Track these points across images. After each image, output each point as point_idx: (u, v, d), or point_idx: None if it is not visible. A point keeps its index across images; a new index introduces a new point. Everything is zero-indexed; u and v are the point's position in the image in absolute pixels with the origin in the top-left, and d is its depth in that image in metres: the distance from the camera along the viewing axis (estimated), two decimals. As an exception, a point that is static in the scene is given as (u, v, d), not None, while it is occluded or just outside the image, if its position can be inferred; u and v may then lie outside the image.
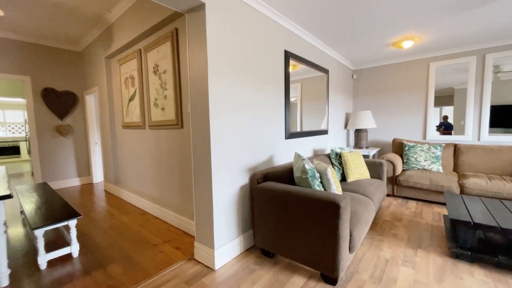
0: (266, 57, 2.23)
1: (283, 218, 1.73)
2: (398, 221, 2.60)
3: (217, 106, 1.76)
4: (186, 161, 2.37)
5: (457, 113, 3.72)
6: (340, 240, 1.48)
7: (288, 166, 2.21)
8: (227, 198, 1.89)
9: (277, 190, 1.75)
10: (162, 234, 2.38)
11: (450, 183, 2.97)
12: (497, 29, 2.83)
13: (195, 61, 1.75)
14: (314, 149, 3.24)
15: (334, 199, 1.49)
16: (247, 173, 2.07)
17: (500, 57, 3.31)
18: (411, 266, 1.78)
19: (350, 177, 2.75)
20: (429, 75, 3.83)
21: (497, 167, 3.15)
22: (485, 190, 2.76)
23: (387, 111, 4.28)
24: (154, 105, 2.74)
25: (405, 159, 3.58)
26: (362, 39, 3.08)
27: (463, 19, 2.53)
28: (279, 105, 2.46)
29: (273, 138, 2.39)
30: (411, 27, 2.74)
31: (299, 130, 2.85)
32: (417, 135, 4.02)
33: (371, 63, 4.30)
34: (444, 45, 3.39)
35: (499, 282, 1.58)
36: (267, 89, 2.27)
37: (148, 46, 2.69)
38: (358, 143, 4.17)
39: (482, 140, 3.50)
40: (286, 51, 2.50)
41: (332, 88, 3.69)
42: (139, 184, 3.19)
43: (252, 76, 2.07)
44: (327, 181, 1.84)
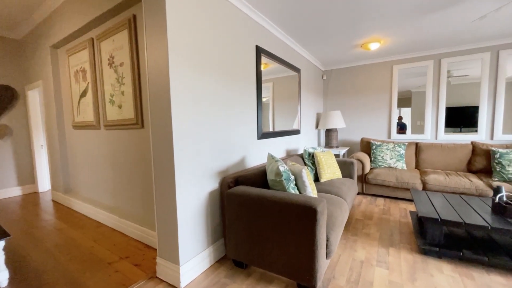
0: (236, 52, 2.08)
1: (256, 226, 1.59)
2: (369, 219, 2.64)
3: (181, 103, 1.55)
4: (148, 165, 2.10)
5: (414, 114, 3.96)
6: (317, 247, 1.38)
7: (261, 168, 2.08)
8: (194, 206, 1.69)
9: (249, 195, 1.61)
10: (119, 249, 2.08)
11: (414, 180, 3.11)
12: (449, 35, 3.04)
13: (154, 51, 1.52)
14: (287, 149, 3.17)
15: (310, 203, 1.39)
16: (217, 177, 1.89)
17: (453, 62, 3.59)
18: (385, 266, 1.76)
19: (323, 177, 2.72)
20: (393, 78, 4.03)
21: (453, 164, 3.40)
22: (444, 185, 2.94)
23: (355, 112, 4.41)
24: (110, 102, 2.41)
25: (373, 157, 3.70)
26: (332, 39, 3.09)
27: (421, 24, 2.65)
28: (251, 104, 2.32)
29: (245, 139, 2.24)
30: (377, 30, 2.80)
31: (271, 130, 2.75)
32: (382, 135, 4.20)
33: (340, 64, 4.39)
34: (406, 48, 3.57)
35: (464, 276, 1.63)
36: (238, 86, 2.11)
37: (101, 34, 2.36)
38: (329, 142, 4.23)
39: (439, 138, 3.76)
40: (258, 46, 2.37)
41: (303, 88, 3.67)
42: (94, 192, 2.80)
43: (221, 72, 1.90)
44: (302, 184, 1.74)
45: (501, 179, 2.85)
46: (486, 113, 3.44)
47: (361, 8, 2.28)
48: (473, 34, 3.04)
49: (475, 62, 3.47)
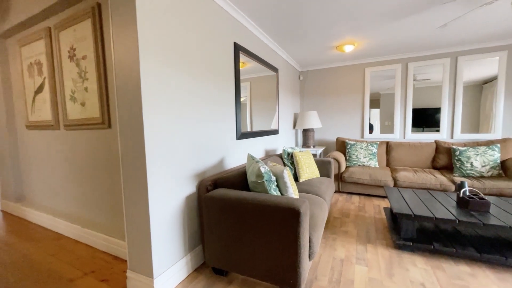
0: (214, 48, 1.98)
1: (237, 230, 1.51)
2: (346, 217, 2.70)
3: (154, 101, 1.42)
4: (116, 168, 1.91)
5: (383, 115, 4.18)
6: (301, 249, 1.35)
7: (241, 169, 2.00)
8: (169, 212, 1.56)
9: (230, 198, 1.53)
10: (83, 263, 1.86)
11: (386, 177, 3.26)
12: (416, 40, 3.24)
13: (122, 44, 1.37)
14: (266, 149, 3.13)
15: (293, 205, 1.36)
16: (194, 180, 1.78)
17: (418, 66, 3.84)
18: (364, 264, 1.79)
19: (302, 176, 2.72)
20: (365, 80, 4.20)
21: (419, 161, 3.64)
22: (413, 181, 3.12)
23: (330, 112, 4.53)
24: (71, 99, 2.16)
25: (348, 156, 3.82)
26: (309, 40, 3.12)
27: (392, 29, 2.78)
28: (230, 103, 2.24)
29: (223, 139, 2.15)
30: (352, 32, 2.89)
31: (249, 130, 2.69)
32: (356, 134, 4.37)
33: (316, 65, 4.48)
34: (377, 52, 3.74)
35: (436, 269, 1.72)
36: (216, 84, 2.01)
37: (61, 23, 2.10)
38: (306, 142, 4.29)
39: (407, 137, 4.00)
40: (236, 43, 2.29)
41: (281, 88, 3.67)
42: (52, 200, 2.50)
43: (198, 68, 1.79)
44: (283, 185, 1.70)
45: (461, 174, 3.10)
46: (447, 114, 3.74)
47: (337, 10, 2.31)
48: (436, 41, 3.27)
49: (437, 67, 3.75)
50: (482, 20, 2.63)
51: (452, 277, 1.62)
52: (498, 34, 3.09)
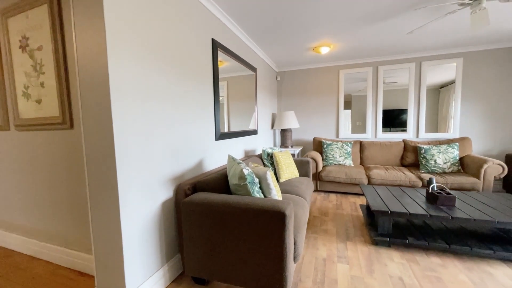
0: (191, 43, 1.87)
1: (219, 236, 1.43)
2: (325, 215, 2.74)
3: (125, 99, 1.28)
4: (80, 174, 1.71)
5: (354, 115, 4.37)
6: (286, 252, 1.31)
7: (221, 172, 1.91)
8: (143, 220, 1.42)
9: (211, 203, 1.44)
10: (41, 283, 1.63)
11: (360, 175, 3.40)
12: (386, 45, 3.43)
13: (87, 35, 1.22)
14: (245, 150, 3.07)
15: (278, 207, 1.31)
16: (171, 184, 1.66)
17: (387, 70, 4.07)
18: (346, 262, 1.82)
19: (282, 177, 2.71)
20: (339, 81, 4.35)
21: (390, 159, 3.85)
22: (385, 179, 3.28)
23: (307, 112, 4.61)
24: (24, 95, 1.89)
25: (324, 156, 3.91)
26: (287, 40, 3.13)
27: (365, 33, 2.90)
28: (208, 102, 2.14)
29: (202, 140, 2.04)
30: (328, 34, 2.95)
31: (227, 130, 2.60)
32: (332, 134, 4.50)
33: (293, 66, 4.53)
34: (351, 55, 3.88)
35: (411, 262, 1.80)
36: (193, 82, 1.90)
37: (10, 8, 1.83)
38: (284, 142, 4.31)
39: (378, 137, 4.22)
40: (214, 40, 2.20)
41: (260, 87, 3.63)
42: (2, 212, 2.17)
43: (175, 64, 1.67)
44: (267, 186, 1.66)
45: (426, 171, 3.34)
46: (413, 115, 4.01)
47: (316, 12, 2.33)
48: (404, 46, 3.49)
49: (404, 71, 4.01)
50: (443, 29, 2.85)
51: (426, 269, 1.71)
52: (456, 42, 3.39)
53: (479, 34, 3.10)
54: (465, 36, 3.15)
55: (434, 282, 1.57)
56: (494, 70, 3.54)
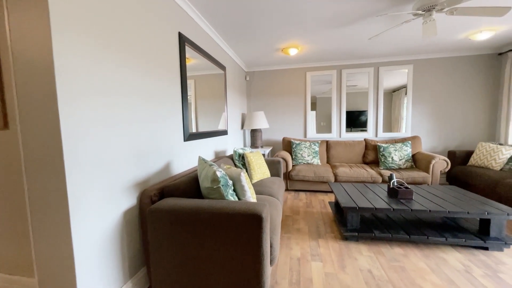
0: (156, 35, 1.71)
1: (191, 245, 1.32)
2: (297, 214, 2.78)
3: (76, 94, 1.10)
4: (16, 182, 1.43)
5: (318, 116, 4.57)
6: (264, 256, 1.26)
7: (191, 174, 1.79)
8: (101, 234, 1.24)
9: (181, 209, 1.32)
10: (-36, 319, 1.32)
11: (328, 173, 3.54)
12: (348, 50, 3.64)
13: (23, 15, 1.01)
14: (215, 151, 2.96)
15: (255, 210, 1.26)
16: (135, 190, 1.49)
17: (350, 73, 4.33)
18: (319, 259, 1.85)
19: (255, 177, 2.67)
20: (306, 83, 4.48)
21: (353, 157, 4.09)
22: (350, 176, 3.47)
23: (277, 113, 4.66)
24: None
25: (294, 155, 3.99)
26: (256, 40, 3.11)
27: (331, 37, 3.03)
28: (176, 100, 1.99)
29: (169, 141, 1.89)
30: (296, 36, 3.01)
31: (195, 131, 2.46)
32: (300, 134, 4.62)
33: (262, 67, 4.53)
34: (317, 57, 4.03)
35: (378, 254, 1.90)
36: (159, 78, 1.75)
37: None
38: (254, 142, 4.29)
39: (342, 136, 4.46)
40: (181, 34, 2.06)
41: (229, 87, 3.55)
42: None
43: (137, 57, 1.50)
44: (241, 188, 1.59)
45: (385, 167, 3.62)
46: (372, 116, 4.33)
47: (285, 12, 2.34)
48: (364, 51, 3.74)
49: (364, 75, 4.30)
50: (399, 37, 3.12)
51: (391, 259, 1.82)
52: (408, 50, 3.74)
53: (427, 44, 3.46)
54: (416, 45, 3.50)
55: (399, 272, 1.68)
56: (439, 76, 4.01)
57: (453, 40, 3.32)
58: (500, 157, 3.16)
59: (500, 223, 1.92)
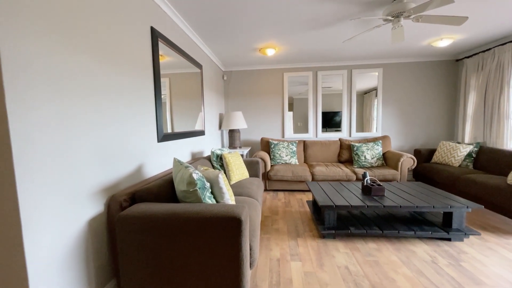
0: (124, 28, 1.59)
1: (166, 253, 1.24)
2: (276, 214, 2.78)
3: (29, 88, 0.97)
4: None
5: (296, 117, 4.65)
6: (243, 260, 1.23)
7: (165, 177, 1.70)
8: (61, 247, 1.12)
9: (154, 214, 1.24)
10: None
11: (305, 173, 3.60)
12: (323, 52, 3.74)
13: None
14: (192, 152, 2.86)
15: (234, 213, 1.22)
16: (101, 196, 1.37)
17: (325, 75, 4.46)
18: (298, 259, 1.86)
19: (233, 178, 2.62)
20: (284, 84, 4.53)
21: (329, 156, 4.21)
22: (326, 175, 3.56)
23: (255, 113, 4.65)
24: None
25: (272, 155, 4.01)
26: (234, 38, 3.06)
27: (307, 38, 3.09)
28: (148, 98, 1.88)
29: (141, 142, 1.77)
30: (274, 36, 3.02)
31: (170, 131, 2.35)
32: (278, 134, 4.66)
33: (240, 66, 4.49)
34: (294, 59, 4.09)
35: (354, 250, 1.96)
36: (128, 74, 1.63)
37: None
38: (232, 143, 4.23)
39: (318, 136, 4.58)
40: (154, 29, 1.95)
41: (206, 86, 3.46)
42: None
43: (104, 50, 1.38)
44: (219, 190, 1.54)
45: (359, 166, 3.78)
46: (346, 116, 4.50)
47: (262, 12, 2.33)
48: (338, 54, 3.87)
49: (338, 77, 4.46)
50: (370, 41, 3.28)
51: (366, 255, 1.89)
52: (378, 54, 3.95)
53: (396, 49, 3.68)
54: (385, 50, 3.70)
55: (373, 266, 1.74)
56: (406, 80, 4.28)
57: (418, 46, 3.57)
58: (459, 154, 3.45)
59: (460, 216, 2.08)
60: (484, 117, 3.58)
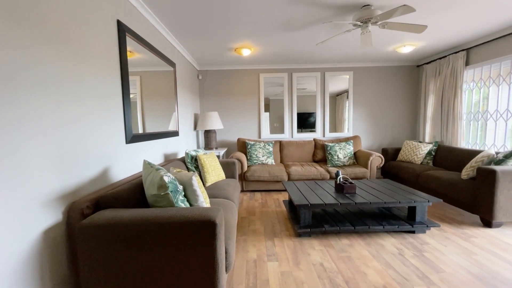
0: (89, 19, 1.46)
1: (136, 262, 1.16)
2: (252, 215, 2.77)
3: (-33, 82, 0.84)
4: None
5: (272, 117, 4.71)
6: (218, 265, 1.19)
7: (135, 181, 1.59)
8: (9, 264, 0.99)
9: (121, 221, 1.15)
10: None
11: (281, 173, 3.64)
12: (298, 54, 3.82)
13: None
14: (165, 154, 2.73)
15: (208, 216, 1.18)
16: (59, 204, 1.24)
17: (299, 77, 4.56)
18: (275, 259, 1.86)
19: (209, 180, 2.56)
20: (260, 84, 4.55)
21: (304, 156, 4.31)
22: (302, 174, 3.63)
23: (231, 113, 4.60)
24: None
25: (249, 156, 3.99)
26: (209, 37, 3.00)
27: (282, 39, 3.13)
28: (114, 96, 1.75)
29: (107, 143, 1.64)
30: (249, 37, 3.01)
31: (142, 132, 2.22)
32: (254, 135, 4.66)
33: (215, 66, 4.42)
34: (269, 60, 4.12)
35: (328, 247, 2.02)
36: (91, 70, 1.50)
37: None
38: (208, 144, 4.14)
39: (294, 137, 4.66)
40: (121, 22, 1.82)
41: (180, 85, 3.34)
42: None
43: (63, 42, 1.25)
44: (193, 193, 1.48)
45: (332, 165, 3.92)
46: (320, 117, 4.65)
47: (238, 11, 2.31)
48: (312, 57, 3.98)
49: (312, 79, 4.59)
50: (341, 45, 3.42)
51: (339, 251, 1.95)
52: (349, 58, 4.13)
53: (365, 53, 3.88)
54: (355, 54, 3.89)
55: (346, 261, 1.80)
56: (374, 83, 4.54)
57: (384, 52, 3.81)
58: (420, 152, 3.74)
59: (423, 209, 2.25)
60: (441, 118, 3.92)
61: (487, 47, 3.21)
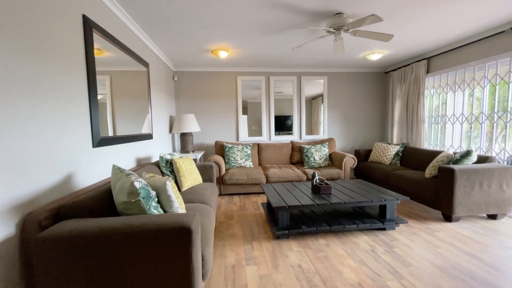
0: (47, 11, 1.34)
1: (103, 277, 1.07)
2: (231, 219, 2.72)
3: None
4: None
5: (250, 120, 4.72)
6: (194, 273, 1.14)
7: (102, 188, 1.48)
8: None
9: (85, 233, 1.06)
10: None
11: (260, 175, 3.64)
12: (275, 58, 3.88)
13: None
14: (137, 158, 2.59)
15: (183, 222, 1.13)
16: (12, 215, 1.10)
17: (276, 80, 4.63)
18: (253, 263, 1.84)
19: (185, 185, 2.47)
20: (237, 87, 4.53)
21: (282, 159, 4.37)
22: (280, 176, 3.67)
23: (208, 115, 4.52)
24: None
25: (227, 159, 3.94)
26: (183, 38, 2.92)
27: (259, 43, 3.16)
28: (79, 96, 1.62)
29: (71, 147, 1.51)
30: (226, 39, 2.99)
31: (112, 135, 2.09)
32: (232, 137, 4.62)
33: (192, 67, 4.32)
34: (247, 63, 4.13)
35: (306, 248, 2.05)
36: (53, 66, 1.37)
37: None
38: (185, 147, 4.02)
39: (272, 139, 4.71)
40: (87, 17, 1.70)
41: (154, 86, 3.20)
42: None
43: (15, 35, 1.13)
44: (167, 199, 1.41)
45: (309, 166, 4.01)
46: (296, 120, 4.75)
47: (214, 12, 2.28)
48: (288, 61, 4.06)
49: (288, 83, 4.68)
50: (316, 50, 3.53)
51: (316, 251, 1.99)
52: (323, 63, 4.29)
53: (338, 59, 4.05)
54: (329, 59, 4.04)
55: (323, 261, 1.84)
56: (346, 87, 4.76)
57: (356, 58, 4.01)
58: (389, 153, 3.98)
59: (392, 207, 2.38)
60: (407, 121, 4.22)
61: (445, 57, 3.52)
